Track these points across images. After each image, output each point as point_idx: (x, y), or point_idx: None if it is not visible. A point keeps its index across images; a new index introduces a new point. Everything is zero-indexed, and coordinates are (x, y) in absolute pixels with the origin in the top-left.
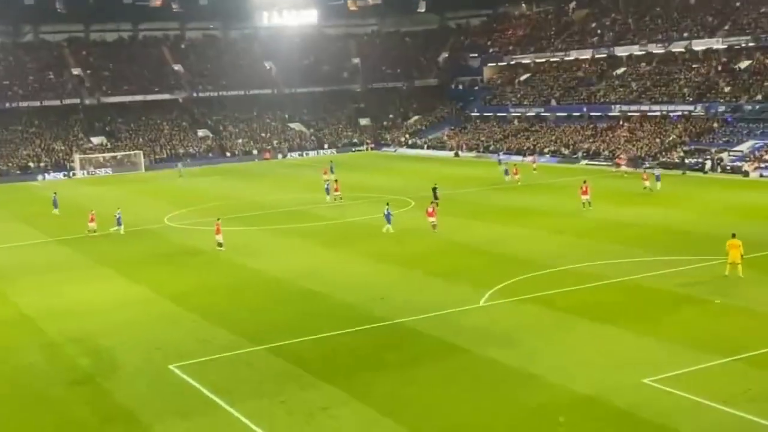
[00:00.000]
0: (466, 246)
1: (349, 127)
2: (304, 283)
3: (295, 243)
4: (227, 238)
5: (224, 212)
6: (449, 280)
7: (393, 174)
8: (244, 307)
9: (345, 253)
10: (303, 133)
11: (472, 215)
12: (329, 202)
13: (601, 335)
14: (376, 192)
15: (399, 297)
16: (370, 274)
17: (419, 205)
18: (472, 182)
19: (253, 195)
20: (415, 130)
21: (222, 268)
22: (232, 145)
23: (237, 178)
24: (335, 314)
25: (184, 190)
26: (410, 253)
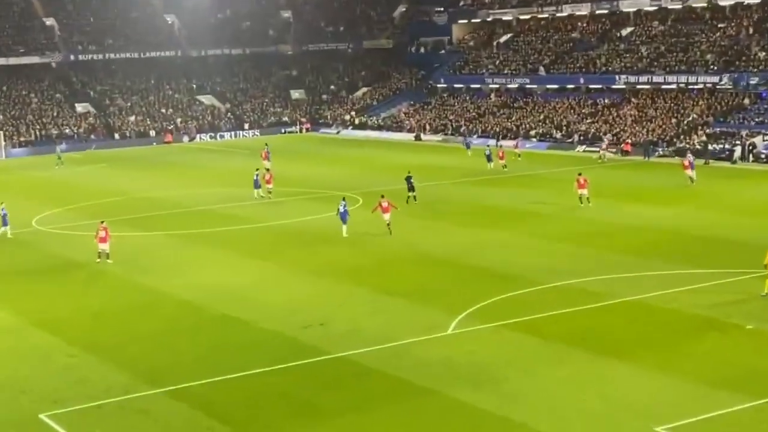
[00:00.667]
0: (430, 256)
1: (278, 102)
2: (219, 307)
3: (209, 253)
4: (117, 247)
5: (113, 212)
6: (409, 300)
7: (335, 163)
8: (139, 338)
9: (274, 266)
10: (216, 108)
11: (439, 216)
12: (257, 199)
13: (601, 371)
14: (312, 186)
15: (343, 323)
16: (307, 293)
17: (369, 203)
18: (437, 173)
19: (152, 190)
20: (363, 106)
21: (110, 288)
22: (123, 124)
23: (129, 167)
24: (260, 347)
25: (58, 184)
26: (359, 265)
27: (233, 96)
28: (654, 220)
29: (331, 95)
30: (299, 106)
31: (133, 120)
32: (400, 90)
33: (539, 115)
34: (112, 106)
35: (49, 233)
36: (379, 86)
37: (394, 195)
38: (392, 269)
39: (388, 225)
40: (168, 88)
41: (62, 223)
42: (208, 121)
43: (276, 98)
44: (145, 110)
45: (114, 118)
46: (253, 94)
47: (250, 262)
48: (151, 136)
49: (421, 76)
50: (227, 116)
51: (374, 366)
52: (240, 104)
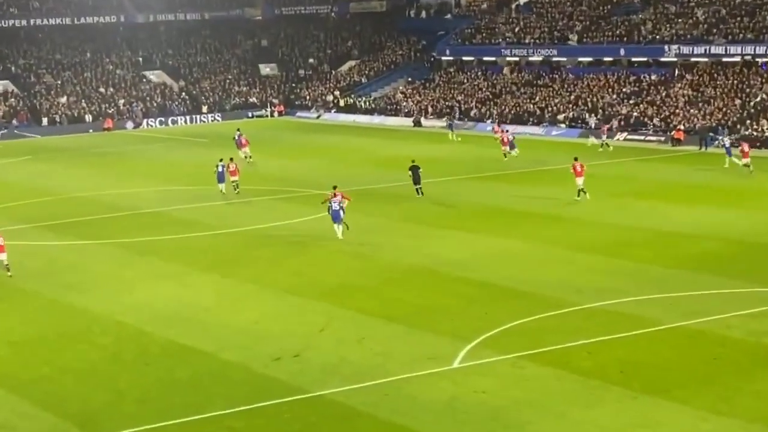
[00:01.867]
0: (431, 269)
1: (244, 79)
2: (169, 333)
3: (157, 267)
4: (40, 260)
5: (37, 216)
6: (405, 324)
7: (314, 155)
8: (69, 372)
9: (238, 282)
10: (168, 87)
11: (442, 219)
12: (223, 195)
13: (645, 412)
14: (286, 184)
15: (324, 354)
16: (279, 316)
17: (357, 203)
18: (441, 167)
19: (87, 189)
20: (350, 84)
21: (32, 310)
22: (52, 106)
23: (60, 160)
24: (219, 383)
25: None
26: (344, 281)
27: (188, 72)
28: (707, 225)
29: (311, 71)
30: (270, 85)
31: (65, 102)
32: (396, 64)
33: (568, 95)
34: (39, 85)
35: None
36: (370, 59)
37: (390, 193)
38: (384, 286)
39: (345, 224)
40: (108, 63)
41: None
42: (157, 103)
43: (242, 75)
44: (79, 90)
45: (41, 99)
46: (213, 70)
47: (209, 278)
48: (87, 121)
49: (422, 47)
50: (181, 97)
51: (361, 408)
52: (197, 82)
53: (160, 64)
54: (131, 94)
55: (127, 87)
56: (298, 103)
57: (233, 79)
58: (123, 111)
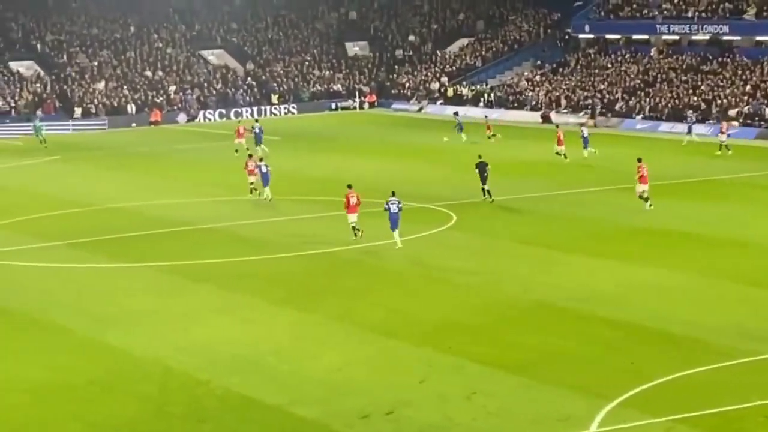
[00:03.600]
0: (554, 305)
1: (325, 61)
2: (226, 381)
3: (215, 298)
4: (67, 286)
5: (65, 231)
6: (525, 376)
7: (413, 158)
8: (100, 429)
9: (317, 319)
10: (231, 71)
11: (576, 243)
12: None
13: None
14: (375, 194)
15: (424, 412)
16: (367, 363)
17: (466, 219)
18: (570, 175)
19: (128, 198)
20: (461, 69)
21: (56, 350)
22: (86, 93)
23: (95, 161)
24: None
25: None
26: (445, 318)
27: (257, 52)
28: None
29: (411, 51)
30: (359, 68)
31: (102, 88)
32: (521, 44)
33: (743, 84)
34: (70, 67)
35: None
36: (487, 37)
37: (509, 207)
38: (501, 327)
39: (355, 229)
40: (156, 40)
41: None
42: (217, 90)
43: (324, 55)
44: (120, 73)
45: (73, 84)
46: (287, 50)
47: (280, 313)
48: (129, 113)
49: (554, 22)
50: (247, 83)
51: None
52: (267, 65)
53: (222, 42)
54: (185, 80)
55: (179, 70)
56: (394, 92)
57: (312, 62)
58: (174, 100)
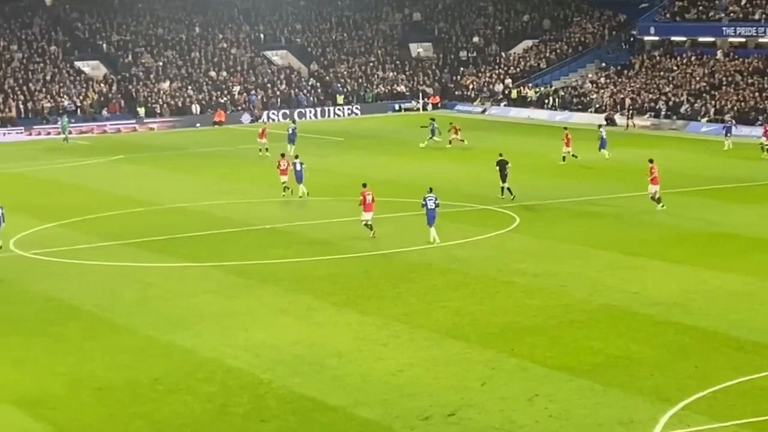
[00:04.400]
0: (627, 310)
1: (389, 63)
2: (291, 383)
3: (278, 299)
4: (131, 285)
5: (128, 230)
6: (590, 379)
7: (476, 159)
8: (164, 427)
9: (380, 321)
10: (295, 72)
11: (644, 246)
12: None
13: None
14: (439, 196)
15: (486, 413)
16: (430, 364)
17: (530, 222)
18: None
19: (191, 198)
20: (525, 71)
21: (120, 348)
22: (151, 93)
23: (159, 161)
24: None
25: (49, 185)
26: (513, 323)
27: (321, 53)
28: None
29: (475, 52)
30: (423, 70)
31: (167, 88)
32: (585, 45)
33: None
34: (136, 67)
35: (34, 261)
36: (552, 39)
37: (576, 210)
38: (565, 330)
39: (369, 226)
40: (221, 40)
41: (53, 246)
42: (281, 91)
43: (387, 57)
44: (185, 73)
45: (138, 84)
46: (351, 51)
47: (344, 315)
48: (193, 113)
49: (619, 24)
50: (311, 84)
51: None
52: (331, 65)
53: (286, 43)
54: (249, 80)
55: (243, 71)
56: (457, 94)
57: (377, 63)
58: (238, 101)
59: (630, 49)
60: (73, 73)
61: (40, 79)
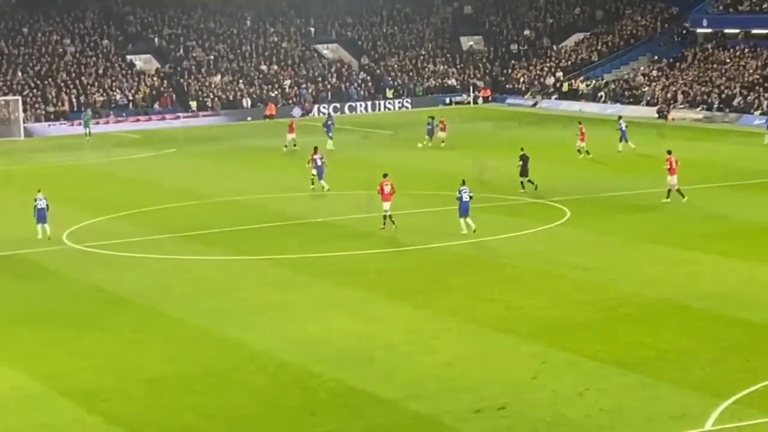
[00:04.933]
0: (680, 304)
1: (440, 56)
2: (341, 374)
3: (329, 292)
4: (182, 278)
5: (179, 224)
6: (640, 374)
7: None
8: (216, 418)
9: (431, 315)
10: (345, 66)
11: (699, 241)
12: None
13: None
14: (488, 189)
15: (537, 407)
16: (480, 358)
17: (581, 215)
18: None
19: (242, 190)
20: (576, 64)
21: (172, 340)
22: (203, 87)
23: (209, 155)
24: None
25: (101, 178)
26: (564, 317)
27: (371, 46)
28: None
29: (526, 45)
30: (474, 62)
31: (218, 82)
32: (637, 38)
33: None
34: (187, 60)
35: (87, 254)
36: (603, 32)
37: (629, 203)
38: (617, 324)
39: (388, 218)
40: (272, 33)
41: (106, 239)
42: (331, 84)
43: (438, 50)
44: (236, 67)
45: (189, 78)
46: (402, 44)
47: (394, 308)
48: (244, 107)
49: (672, 16)
50: (361, 78)
51: None
52: (382, 59)
53: (337, 36)
54: (299, 74)
55: (294, 64)
56: (508, 87)
57: (427, 56)
58: (289, 94)
59: (682, 42)
60: (125, 67)
61: (93, 72)
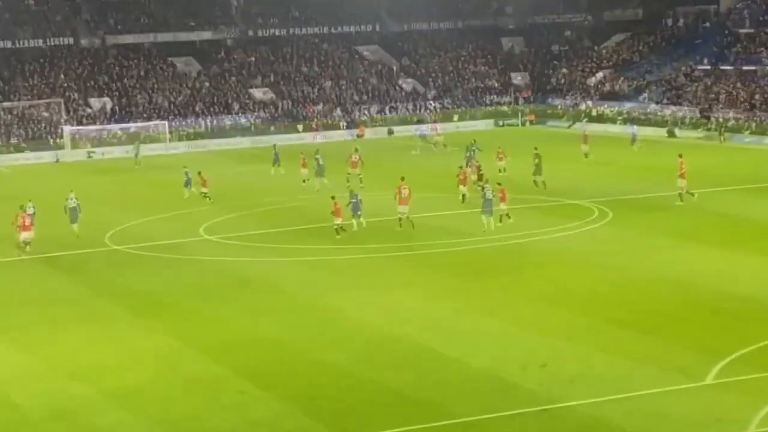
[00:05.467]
0: (710, 302)
1: (480, 57)
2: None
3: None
4: (223, 277)
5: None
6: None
7: (568, 155)
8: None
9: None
10: (386, 67)
11: (735, 240)
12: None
13: None
14: (530, 190)
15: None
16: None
17: (620, 216)
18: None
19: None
20: (617, 65)
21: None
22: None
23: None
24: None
25: (147, 181)
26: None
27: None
28: None
29: (567, 46)
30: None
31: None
32: (679, 38)
33: None
34: (228, 63)
35: (129, 255)
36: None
37: (661, 203)
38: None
39: (405, 219)
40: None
41: (148, 240)
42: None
43: (479, 51)
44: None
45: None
46: (443, 45)
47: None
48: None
49: (714, 15)
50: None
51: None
52: (423, 60)
53: (377, 38)
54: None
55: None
56: (549, 88)
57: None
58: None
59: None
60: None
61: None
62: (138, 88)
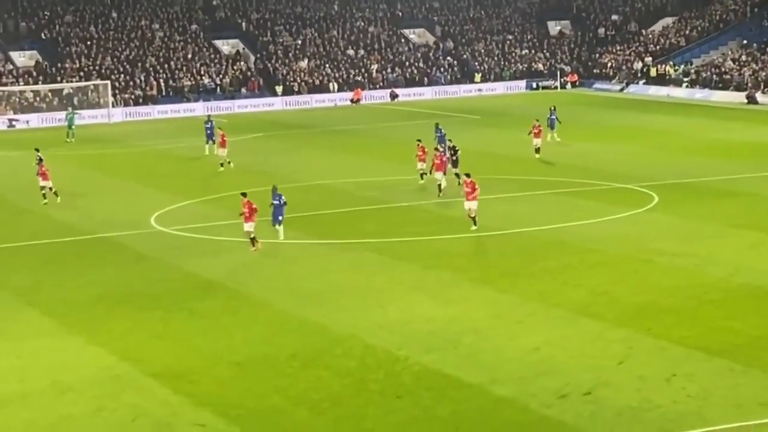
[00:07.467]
0: (762, 290)
1: (527, 40)
2: (427, 360)
3: (415, 276)
4: (273, 258)
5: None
6: (729, 360)
7: (615, 138)
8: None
9: (518, 299)
10: (432, 50)
11: None
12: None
13: None
14: (576, 174)
15: (621, 393)
16: (566, 343)
17: (668, 200)
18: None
19: (328, 174)
20: (665, 48)
21: (260, 323)
22: (290, 72)
23: (296, 139)
24: (488, 426)
25: (187, 163)
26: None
27: (458, 31)
28: None
29: (614, 30)
30: (561, 48)
31: (305, 66)
32: (727, 22)
33: None
34: (274, 45)
35: (174, 237)
36: (692, 16)
37: (718, 188)
38: (705, 310)
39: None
40: (359, 18)
41: (193, 222)
42: (418, 69)
43: (525, 34)
44: (323, 51)
45: (276, 62)
46: (489, 28)
47: (480, 292)
48: (331, 91)
49: (763, 0)
50: (448, 62)
51: None
52: (469, 43)
53: (423, 21)
54: (386, 58)
55: (381, 49)
56: (596, 72)
57: (514, 40)
58: (376, 79)
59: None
60: (213, 52)
61: (181, 57)
62: (85, 42)
